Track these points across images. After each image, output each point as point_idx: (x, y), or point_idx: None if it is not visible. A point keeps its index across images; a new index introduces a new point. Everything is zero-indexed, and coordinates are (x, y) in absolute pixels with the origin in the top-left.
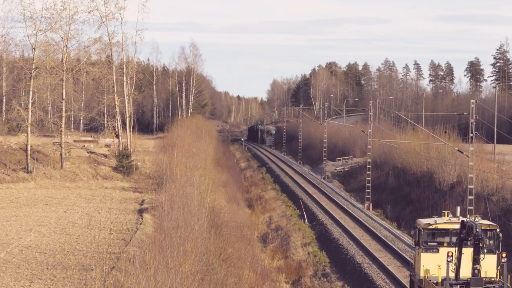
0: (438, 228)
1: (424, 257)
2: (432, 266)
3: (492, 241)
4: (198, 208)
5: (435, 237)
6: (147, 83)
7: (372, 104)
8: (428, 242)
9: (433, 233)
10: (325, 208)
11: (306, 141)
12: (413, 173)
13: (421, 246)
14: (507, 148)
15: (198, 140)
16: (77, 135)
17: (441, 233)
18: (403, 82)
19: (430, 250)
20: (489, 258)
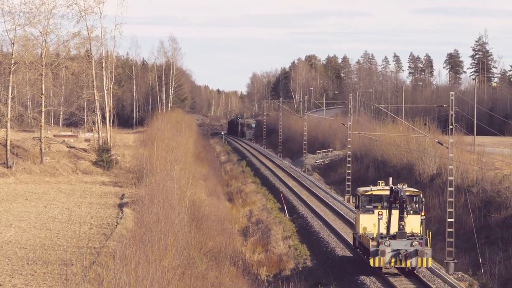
0: (373, 194)
1: (362, 217)
2: (369, 224)
3: (417, 204)
4: (178, 202)
5: (371, 202)
6: (126, 77)
7: (351, 97)
8: (366, 206)
9: (369, 199)
10: (306, 201)
11: (286, 134)
12: (393, 165)
13: (360, 209)
14: (486, 139)
15: (178, 134)
16: (57, 129)
17: (376, 198)
18: (383, 74)
19: (367, 212)
20: (414, 218)
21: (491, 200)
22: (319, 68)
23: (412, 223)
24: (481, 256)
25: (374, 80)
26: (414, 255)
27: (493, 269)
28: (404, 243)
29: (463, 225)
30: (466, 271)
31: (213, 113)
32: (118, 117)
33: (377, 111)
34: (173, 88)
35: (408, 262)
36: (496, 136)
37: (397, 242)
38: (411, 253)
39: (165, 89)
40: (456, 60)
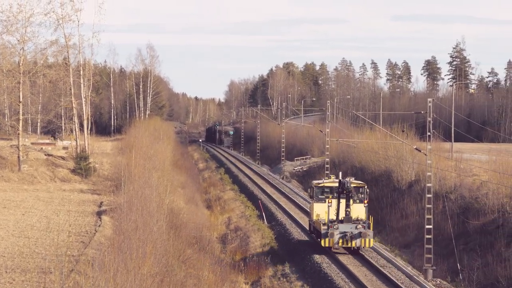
0: (325, 186)
1: (316, 206)
2: (321, 212)
3: (362, 194)
4: (157, 210)
5: (323, 193)
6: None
7: (329, 104)
8: (319, 196)
9: (322, 190)
10: (284, 208)
11: (264, 141)
12: (372, 172)
13: (314, 198)
14: (464, 146)
15: (156, 141)
16: (35, 137)
17: (327, 189)
18: (361, 81)
19: (320, 201)
20: (359, 206)
21: (469, 207)
22: (297, 75)
23: (357, 210)
24: (460, 262)
25: (352, 87)
26: (358, 236)
27: (472, 276)
28: (350, 226)
29: (442, 231)
30: (445, 278)
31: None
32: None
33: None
34: (151, 95)
35: (353, 243)
36: (474, 142)
37: (344, 225)
38: (355, 235)
39: (143, 96)
40: (433, 66)
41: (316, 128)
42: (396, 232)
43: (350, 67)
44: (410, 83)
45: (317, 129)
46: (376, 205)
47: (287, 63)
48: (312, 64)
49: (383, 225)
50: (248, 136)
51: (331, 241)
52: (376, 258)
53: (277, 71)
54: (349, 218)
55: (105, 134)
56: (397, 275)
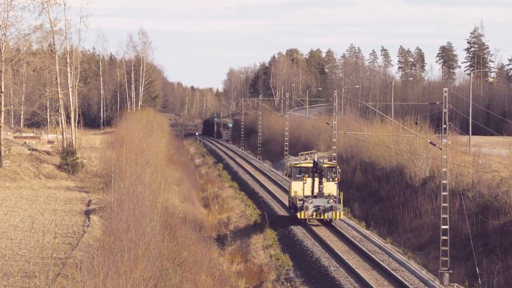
0: (301, 166)
1: (293, 184)
2: (298, 189)
3: (334, 174)
4: (150, 209)
5: (300, 172)
6: (93, 74)
7: (337, 94)
8: (296, 175)
9: (299, 170)
10: (286, 206)
11: (266, 134)
12: (382, 168)
13: (292, 177)
14: (483, 139)
15: (149, 135)
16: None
17: (303, 169)
18: (370, 69)
19: (297, 180)
20: (331, 183)
21: (489, 205)
22: (301, 63)
23: (329, 187)
24: (478, 266)
25: (361, 75)
26: (330, 209)
27: (492, 280)
28: (323, 201)
29: (459, 232)
30: (462, 282)
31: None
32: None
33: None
34: (143, 85)
35: (325, 215)
36: (493, 135)
37: (318, 200)
38: (327, 208)
39: (135, 86)
40: (449, 53)
41: (322, 120)
42: (409, 233)
43: (358, 54)
44: (424, 71)
45: (324, 121)
46: (388, 203)
47: (290, 49)
48: (317, 51)
49: (395, 225)
50: (249, 129)
51: (306, 214)
52: (388, 261)
53: (279, 58)
54: (322, 194)
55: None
56: (410, 279)
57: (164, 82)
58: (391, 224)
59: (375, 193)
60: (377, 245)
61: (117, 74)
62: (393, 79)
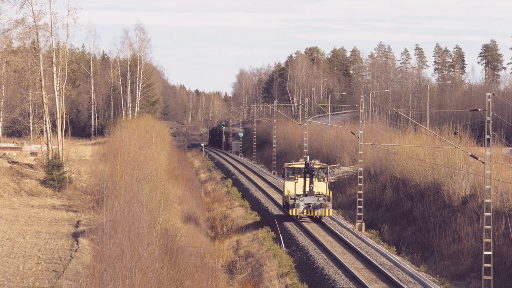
0: (294, 167)
1: (286, 184)
2: (291, 188)
3: (325, 174)
4: (147, 231)
5: (294, 173)
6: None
7: (363, 99)
8: (289, 175)
9: (292, 170)
10: (307, 229)
11: (282, 146)
12: (416, 185)
13: (285, 177)
14: None
15: (147, 146)
16: None
17: (296, 170)
18: (402, 71)
19: (290, 180)
20: (322, 183)
21: None
22: (322, 64)
23: (320, 187)
24: None
25: (392, 78)
26: (320, 207)
27: None
28: (313, 199)
29: (504, 259)
30: None
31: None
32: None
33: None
34: (141, 88)
35: (315, 212)
36: None
37: (308, 198)
38: (317, 206)
39: (131, 89)
40: (493, 53)
41: (347, 129)
42: (447, 260)
43: (388, 54)
44: (464, 73)
45: (348, 131)
46: (422, 226)
47: (310, 48)
48: (341, 50)
49: (430, 250)
50: (262, 140)
51: (297, 211)
52: None
53: (298, 58)
54: (312, 192)
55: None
56: None
57: (165, 85)
58: (425, 250)
59: (408, 213)
60: (409, 274)
61: (111, 76)
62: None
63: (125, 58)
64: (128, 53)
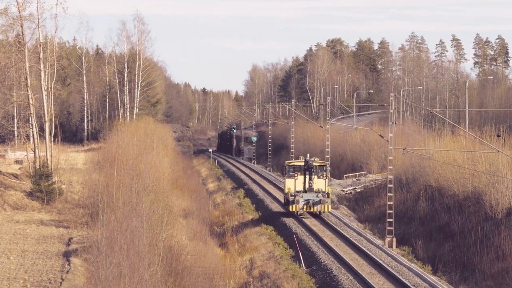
0: (294, 164)
1: (287, 181)
2: (291, 186)
3: (324, 172)
4: (149, 249)
5: (294, 170)
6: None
7: (393, 98)
8: (290, 173)
9: (292, 168)
10: (329, 246)
11: (301, 151)
12: (453, 195)
13: (285, 175)
14: None
15: (148, 152)
16: None
17: (296, 168)
18: (437, 66)
19: (290, 177)
20: (321, 180)
21: None
22: (346, 58)
23: (319, 183)
24: None
25: (425, 73)
26: (319, 203)
27: None
28: (312, 195)
29: None
30: None
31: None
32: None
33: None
34: (140, 87)
35: (315, 208)
36: None
37: (308, 194)
38: (316, 202)
39: (129, 88)
40: None
41: (375, 132)
42: (490, 280)
43: (422, 46)
44: (508, 67)
45: (376, 134)
46: (461, 241)
47: (332, 40)
48: (368, 42)
49: (470, 269)
50: (278, 144)
51: (297, 207)
52: None
53: (318, 51)
54: (311, 189)
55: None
56: None
57: (168, 83)
58: (465, 268)
59: (445, 227)
60: None
61: (106, 73)
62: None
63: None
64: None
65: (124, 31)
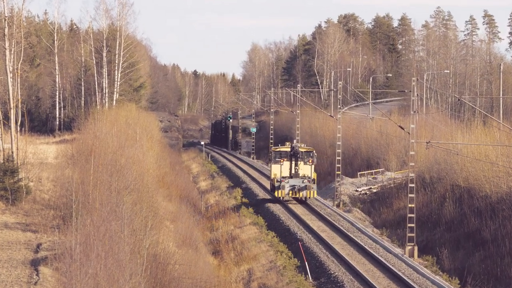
0: (280, 150)
1: (273, 167)
2: (277, 171)
3: (310, 158)
4: (130, 257)
5: (281, 156)
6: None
7: (416, 83)
8: (276, 159)
9: (279, 154)
10: (340, 255)
11: (308, 144)
12: (485, 196)
13: (272, 161)
14: None
15: (130, 144)
16: None
17: (282, 153)
18: (467, 46)
19: (276, 163)
20: (307, 166)
21: None
22: (361, 36)
23: (305, 169)
24: None
25: (453, 55)
26: (304, 189)
27: None
28: (298, 181)
29: None
30: None
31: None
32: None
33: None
34: (121, 69)
35: (300, 194)
36: None
37: (293, 180)
38: (302, 188)
39: (108, 70)
40: None
41: (394, 122)
42: None
43: (449, 23)
44: None
45: (395, 125)
46: (494, 250)
47: (345, 15)
48: (386, 18)
49: (504, 283)
50: (281, 136)
51: (283, 192)
52: None
53: (328, 29)
54: (297, 175)
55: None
56: None
57: (153, 64)
58: (498, 281)
59: (475, 234)
60: None
61: (81, 53)
62: (502, 61)
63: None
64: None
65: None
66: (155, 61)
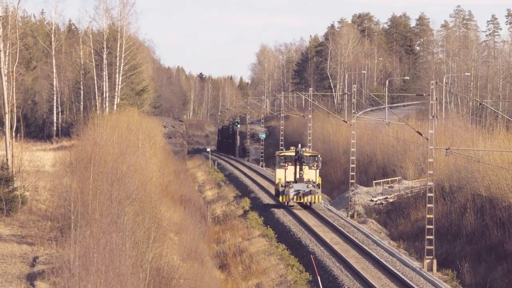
0: (285, 155)
1: (277, 171)
2: (282, 176)
3: (315, 162)
4: (132, 272)
5: (285, 161)
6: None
7: (435, 86)
8: (280, 163)
9: (283, 158)
10: (355, 269)
11: (320, 150)
12: (508, 206)
13: (276, 165)
14: None
15: (132, 151)
16: None
17: (287, 158)
18: (489, 47)
19: (281, 167)
20: (312, 171)
21: None
22: (377, 37)
23: (310, 174)
24: None
25: (474, 57)
26: (309, 193)
27: None
28: (303, 185)
29: None
30: None
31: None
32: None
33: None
34: (122, 71)
35: (305, 199)
36: None
37: (298, 185)
38: (306, 192)
39: (109, 73)
40: None
41: (411, 128)
42: None
43: (469, 23)
44: None
45: (413, 130)
46: None
47: (359, 15)
48: (403, 17)
49: None
50: (292, 142)
51: (287, 197)
52: None
53: (342, 29)
54: (302, 179)
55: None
56: None
57: (157, 67)
58: None
59: (497, 246)
60: None
61: (80, 54)
62: None
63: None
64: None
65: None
66: (158, 63)
